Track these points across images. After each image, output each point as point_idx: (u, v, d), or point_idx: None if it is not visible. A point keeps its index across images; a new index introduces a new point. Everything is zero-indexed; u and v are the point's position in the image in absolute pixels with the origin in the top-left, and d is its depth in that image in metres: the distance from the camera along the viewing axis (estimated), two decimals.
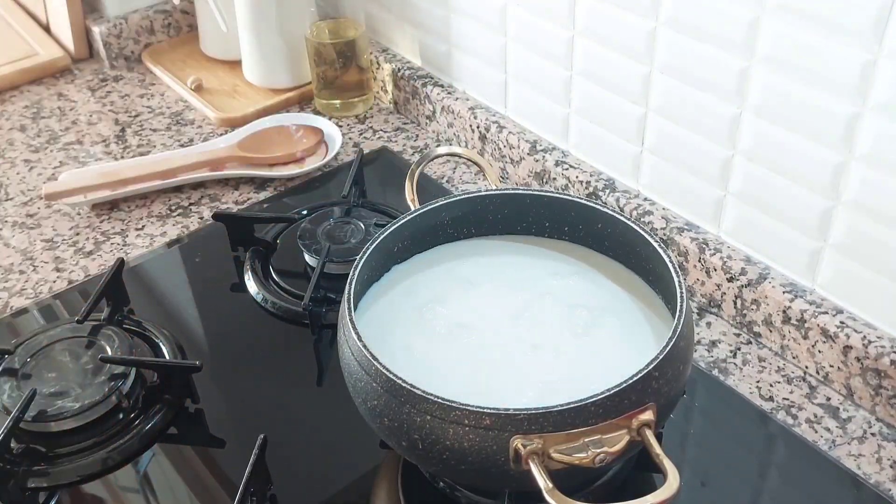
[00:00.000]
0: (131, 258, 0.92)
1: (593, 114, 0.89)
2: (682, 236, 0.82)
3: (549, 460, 0.54)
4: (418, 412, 0.55)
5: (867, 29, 0.62)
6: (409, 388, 0.55)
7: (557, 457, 0.54)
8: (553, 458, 0.54)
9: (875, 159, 0.66)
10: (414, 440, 0.56)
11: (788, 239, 0.75)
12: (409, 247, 0.72)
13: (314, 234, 0.89)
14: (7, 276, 0.91)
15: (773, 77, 0.70)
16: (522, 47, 0.93)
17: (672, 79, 0.78)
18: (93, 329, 0.78)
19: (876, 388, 0.71)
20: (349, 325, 0.60)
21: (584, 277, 0.70)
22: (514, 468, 0.54)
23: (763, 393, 0.75)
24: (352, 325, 0.60)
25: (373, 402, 0.58)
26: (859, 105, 0.65)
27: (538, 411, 0.53)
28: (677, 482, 0.51)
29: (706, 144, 0.78)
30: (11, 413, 0.69)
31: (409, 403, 0.56)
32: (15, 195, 1.03)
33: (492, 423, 0.54)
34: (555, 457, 0.54)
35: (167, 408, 0.75)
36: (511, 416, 0.53)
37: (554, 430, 0.53)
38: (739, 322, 0.80)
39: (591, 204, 0.70)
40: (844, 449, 0.70)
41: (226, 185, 1.02)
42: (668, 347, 0.57)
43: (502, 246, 0.73)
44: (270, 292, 0.86)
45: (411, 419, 0.56)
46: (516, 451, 0.54)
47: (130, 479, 0.71)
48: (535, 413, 0.53)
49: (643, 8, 0.77)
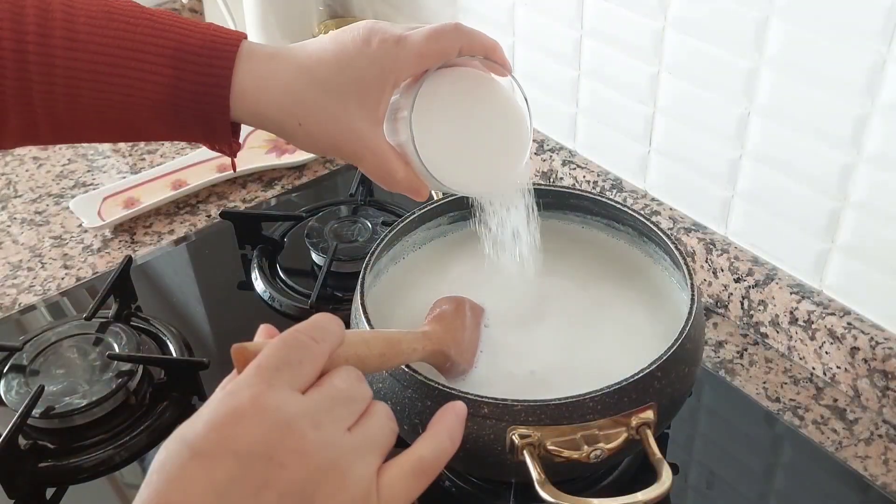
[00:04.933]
0: (139, 256, 0.93)
1: (601, 114, 0.89)
2: (689, 237, 0.82)
3: (544, 453, 0.54)
4: (419, 397, 0.56)
5: (876, 29, 0.62)
6: (412, 373, 0.56)
7: (553, 450, 0.54)
8: (549, 451, 0.54)
9: (883, 160, 0.66)
10: (415, 424, 0.57)
11: (796, 240, 0.75)
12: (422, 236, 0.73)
13: (321, 233, 0.89)
14: (16, 273, 0.92)
15: (781, 77, 0.70)
16: (530, 47, 0.93)
17: (680, 79, 0.78)
18: (100, 326, 0.79)
19: (883, 390, 0.71)
20: (359, 308, 0.61)
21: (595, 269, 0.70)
22: (510, 458, 0.55)
23: (770, 394, 0.75)
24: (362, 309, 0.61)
25: (377, 385, 0.59)
26: (867, 106, 0.65)
27: (536, 404, 0.54)
28: (669, 481, 0.51)
29: (714, 145, 0.78)
30: (19, 409, 0.69)
31: (410, 388, 0.56)
32: (24, 192, 1.03)
33: (489, 413, 0.54)
34: (550, 450, 0.54)
35: (174, 405, 0.75)
36: (508, 406, 0.54)
37: (551, 423, 0.54)
38: (746, 323, 0.80)
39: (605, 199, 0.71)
40: (851, 450, 0.70)
41: (233, 184, 1.03)
42: (673, 349, 0.57)
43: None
44: (277, 290, 0.86)
45: (413, 404, 0.56)
46: (512, 442, 0.54)
47: (137, 476, 0.71)
48: (532, 405, 0.54)
49: (651, 8, 0.77)
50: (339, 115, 0.54)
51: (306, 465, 0.39)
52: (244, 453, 0.38)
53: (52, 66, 0.52)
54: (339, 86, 0.53)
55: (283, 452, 0.39)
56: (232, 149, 0.57)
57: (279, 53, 0.55)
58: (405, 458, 0.44)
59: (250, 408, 0.39)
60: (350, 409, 0.43)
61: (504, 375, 0.61)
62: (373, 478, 0.41)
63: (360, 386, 0.44)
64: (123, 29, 0.53)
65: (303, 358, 0.42)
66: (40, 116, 0.53)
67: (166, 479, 0.38)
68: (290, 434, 0.39)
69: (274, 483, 0.38)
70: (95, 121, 0.54)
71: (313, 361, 0.43)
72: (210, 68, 0.53)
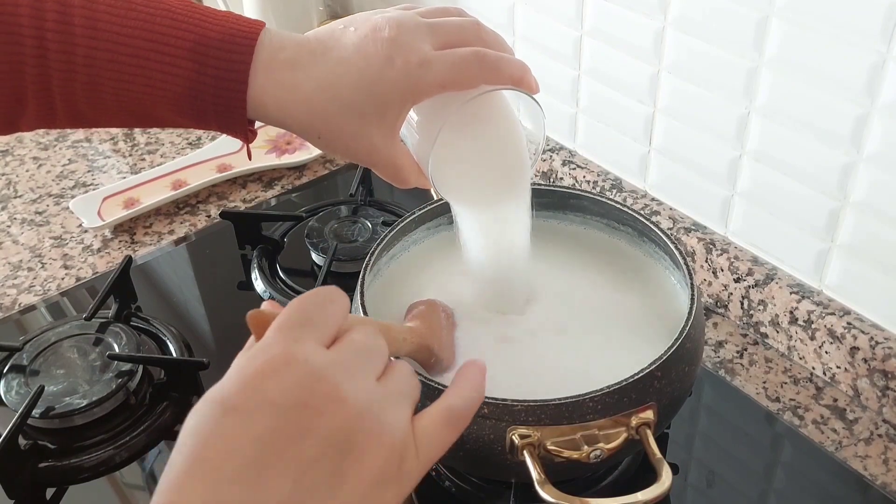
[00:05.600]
0: (139, 256, 0.93)
1: (601, 113, 0.89)
2: (689, 236, 0.82)
3: (544, 453, 0.54)
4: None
5: (876, 29, 0.62)
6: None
7: (553, 450, 0.54)
8: (549, 451, 0.54)
9: (883, 160, 0.66)
10: None
11: (796, 240, 0.75)
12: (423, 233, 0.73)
13: (321, 233, 0.89)
14: (16, 273, 0.92)
15: (781, 77, 0.70)
16: (530, 46, 0.93)
17: (680, 78, 0.78)
18: (100, 326, 0.79)
19: (883, 390, 0.71)
20: (360, 308, 0.61)
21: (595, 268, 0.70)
22: (510, 458, 0.55)
23: (770, 394, 0.75)
24: (363, 309, 0.61)
25: None
26: (867, 105, 0.65)
27: (536, 403, 0.54)
28: (669, 481, 0.51)
29: (714, 144, 0.78)
30: (19, 409, 0.69)
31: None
32: (24, 192, 1.03)
33: (489, 413, 0.54)
34: (550, 449, 0.54)
35: (174, 405, 0.75)
36: (509, 406, 0.54)
37: (550, 423, 0.54)
38: (746, 323, 0.80)
39: (605, 199, 0.71)
40: (851, 450, 0.70)
41: (233, 184, 1.03)
42: (673, 349, 0.57)
43: None
44: (278, 290, 0.86)
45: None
46: (512, 442, 0.54)
47: (137, 476, 0.71)
48: (532, 405, 0.54)
49: (651, 8, 0.77)
50: (358, 132, 0.55)
51: (343, 411, 0.39)
52: (280, 404, 0.38)
53: (73, 55, 0.52)
54: (360, 106, 0.54)
55: (319, 400, 0.38)
56: (248, 137, 0.57)
57: (300, 61, 0.54)
58: (435, 408, 0.44)
59: (280, 361, 0.39)
60: (374, 361, 0.43)
61: (504, 375, 0.61)
62: (408, 426, 0.41)
63: (380, 340, 0.44)
64: (143, 19, 0.53)
65: (322, 315, 0.42)
66: (58, 104, 0.54)
67: (202, 440, 0.37)
68: (323, 382, 0.39)
69: (315, 430, 0.38)
70: (114, 108, 0.55)
71: (333, 318, 0.43)
72: (229, 63, 0.53)
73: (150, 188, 1.00)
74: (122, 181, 1.01)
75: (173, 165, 1.03)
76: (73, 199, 0.99)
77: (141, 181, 1.01)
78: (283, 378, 0.38)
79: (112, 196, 0.99)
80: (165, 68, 0.53)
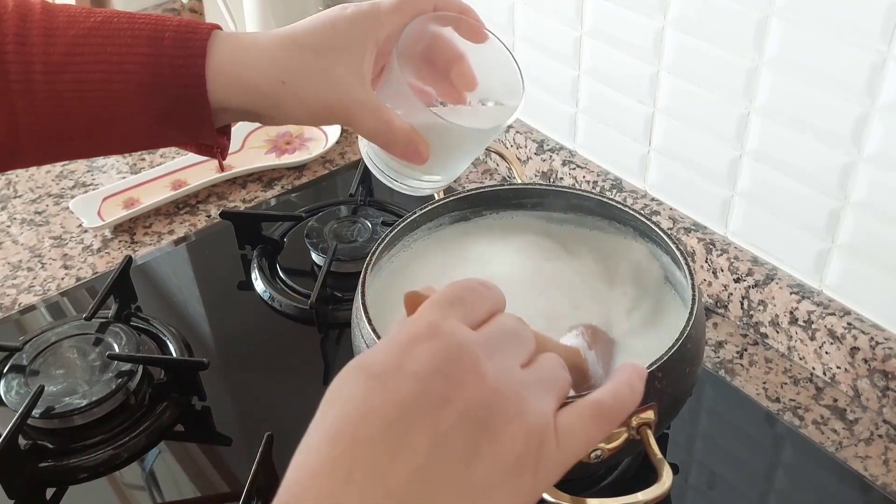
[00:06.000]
0: (139, 256, 0.93)
1: (600, 113, 0.89)
2: (688, 237, 0.82)
3: None
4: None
5: (876, 29, 0.62)
6: None
7: None
8: None
9: (883, 160, 0.66)
10: None
11: (796, 240, 0.75)
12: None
13: (321, 233, 0.89)
14: (15, 274, 0.92)
15: (781, 77, 0.70)
16: (530, 46, 0.93)
17: (680, 78, 0.78)
18: (100, 326, 0.79)
19: (883, 390, 0.71)
20: (360, 308, 0.61)
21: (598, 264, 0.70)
22: None
23: (770, 394, 0.75)
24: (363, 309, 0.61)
25: None
26: (868, 105, 0.65)
27: None
28: (670, 481, 0.51)
29: (714, 144, 0.78)
30: (19, 409, 0.69)
31: None
32: (24, 192, 1.03)
33: None
34: None
35: (174, 405, 0.75)
36: None
37: None
38: (746, 323, 0.80)
39: (605, 199, 0.71)
40: (851, 450, 0.70)
41: (233, 184, 1.03)
42: (674, 349, 0.57)
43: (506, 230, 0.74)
44: (277, 290, 0.86)
45: None
46: None
47: (137, 476, 0.71)
48: None
49: (651, 8, 0.77)
50: (325, 70, 0.56)
51: (483, 386, 0.38)
52: (421, 371, 0.37)
53: (31, 64, 0.53)
54: (322, 46, 0.56)
55: (461, 371, 0.38)
56: (218, 144, 0.58)
57: (258, 32, 0.57)
58: (583, 402, 0.42)
59: (425, 331, 0.39)
60: (521, 347, 0.42)
61: None
62: (550, 415, 0.40)
63: (528, 329, 0.44)
64: (101, 20, 0.55)
65: (474, 297, 0.42)
66: (21, 120, 0.54)
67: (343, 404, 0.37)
68: (465, 354, 0.38)
69: (454, 400, 0.37)
70: (76, 112, 0.55)
71: (485, 303, 0.43)
72: (186, 41, 0.55)
73: (149, 188, 1.00)
74: (121, 181, 1.01)
75: (173, 165, 1.03)
76: (73, 199, 0.99)
77: (141, 181, 1.01)
78: (426, 347, 0.38)
79: (112, 196, 0.99)
80: (123, 57, 0.54)
